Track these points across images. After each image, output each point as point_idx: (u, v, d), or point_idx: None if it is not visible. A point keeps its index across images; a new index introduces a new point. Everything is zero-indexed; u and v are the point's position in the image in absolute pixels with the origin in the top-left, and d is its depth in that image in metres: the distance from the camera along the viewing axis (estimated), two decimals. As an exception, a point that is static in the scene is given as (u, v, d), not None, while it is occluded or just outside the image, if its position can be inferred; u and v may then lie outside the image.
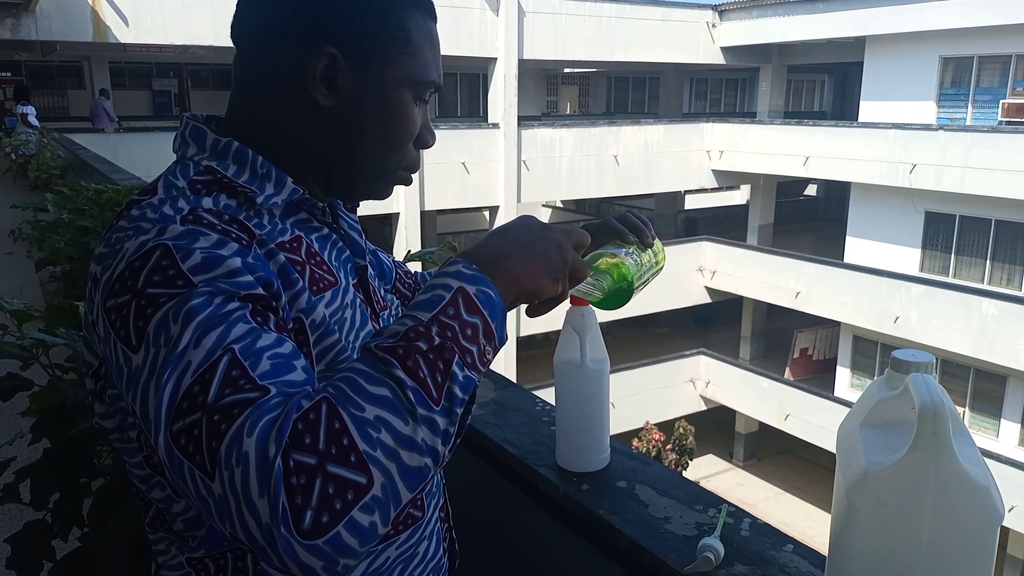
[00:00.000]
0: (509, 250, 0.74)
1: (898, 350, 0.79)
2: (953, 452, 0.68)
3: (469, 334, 0.66)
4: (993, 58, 14.43)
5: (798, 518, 13.79)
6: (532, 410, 1.45)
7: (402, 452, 0.60)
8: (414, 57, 0.82)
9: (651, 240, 0.97)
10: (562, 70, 25.88)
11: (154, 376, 0.63)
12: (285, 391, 0.61)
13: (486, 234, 0.77)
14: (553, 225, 0.79)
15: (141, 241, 0.68)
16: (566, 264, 0.76)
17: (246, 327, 0.64)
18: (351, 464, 0.57)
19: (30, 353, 1.49)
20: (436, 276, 0.70)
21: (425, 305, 0.67)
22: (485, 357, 0.67)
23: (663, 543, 1.02)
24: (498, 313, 0.69)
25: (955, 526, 0.69)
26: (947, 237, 14.62)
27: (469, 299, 0.67)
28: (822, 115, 25.51)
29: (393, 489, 0.59)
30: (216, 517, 0.59)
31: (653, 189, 18.47)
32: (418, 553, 0.91)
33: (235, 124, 0.83)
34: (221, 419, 0.59)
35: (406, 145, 0.85)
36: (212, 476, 0.58)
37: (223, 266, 0.67)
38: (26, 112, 14.24)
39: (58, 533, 1.46)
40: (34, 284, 5.16)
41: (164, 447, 0.61)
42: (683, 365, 16.13)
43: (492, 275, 0.70)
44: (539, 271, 0.74)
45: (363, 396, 0.60)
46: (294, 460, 0.56)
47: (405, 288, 1.18)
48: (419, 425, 0.61)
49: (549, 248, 0.76)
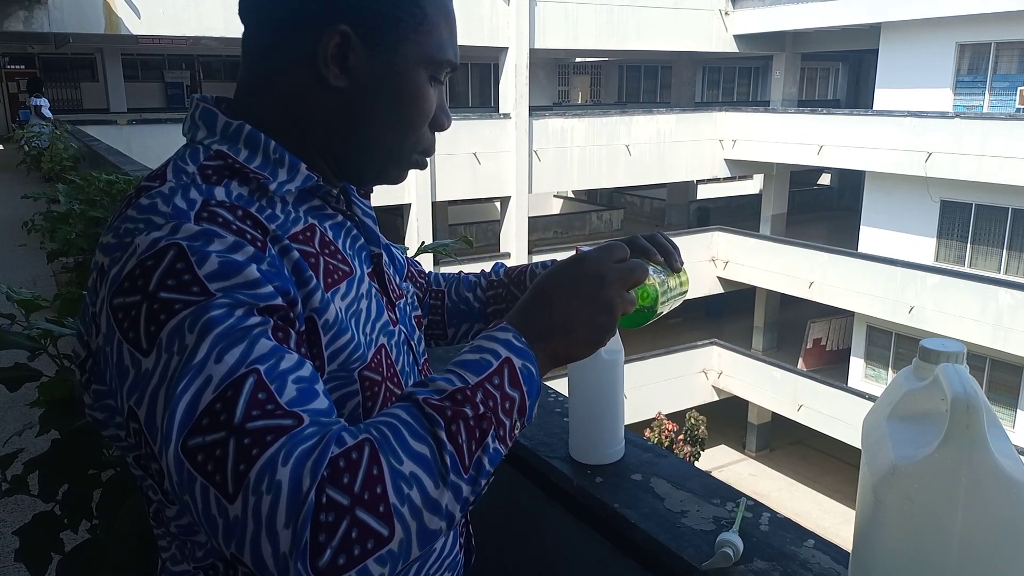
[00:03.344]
0: (561, 325, 0.72)
1: (927, 339, 0.75)
2: (988, 445, 0.65)
3: (507, 407, 0.66)
4: (1011, 44, 14.23)
5: (811, 508, 13.75)
6: (544, 401, 1.43)
7: (426, 513, 0.60)
8: (429, 35, 0.78)
9: (679, 264, 0.92)
10: (573, 60, 25.75)
11: (165, 384, 0.61)
12: (318, 420, 0.60)
13: (533, 289, 0.75)
14: (607, 273, 0.74)
15: (154, 238, 0.65)
16: (614, 323, 0.74)
17: (269, 344, 0.63)
18: (379, 514, 0.57)
19: (38, 343, 1.48)
20: (486, 338, 0.70)
21: (473, 367, 0.67)
22: (514, 432, 0.68)
23: (680, 538, 1.00)
24: (535, 391, 0.69)
25: (989, 522, 0.66)
26: (963, 226, 14.48)
27: (514, 372, 0.68)
28: (836, 103, 25.32)
29: (408, 546, 0.59)
30: (221, 537, 0.58)
31: (665, 179, 18.38)
32: (435, 550, 0.88)
33: (244, 106, 0.80)
34: (252, 443, 0.57)
35: (421, 127, 0.82)
36: (233, 499, 0.57)
37: (242, 275, 0.65)
38: (39, 104, 14.34)
39: (67, 525, 1.45)
40: (47, 275, 5.18)
41: (174, 460, 0.59)
42: (696, 356, 16.07)
43: (537, 352, 0.70)
44: (584, 343, 0.73)
45: (405, 449, 0.60)
46: (328, 497, 0.56)
47: (416, 287, 1.15)
48: (446, 490, 0.61)
49: (598, 313, 0.73)
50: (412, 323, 0.94)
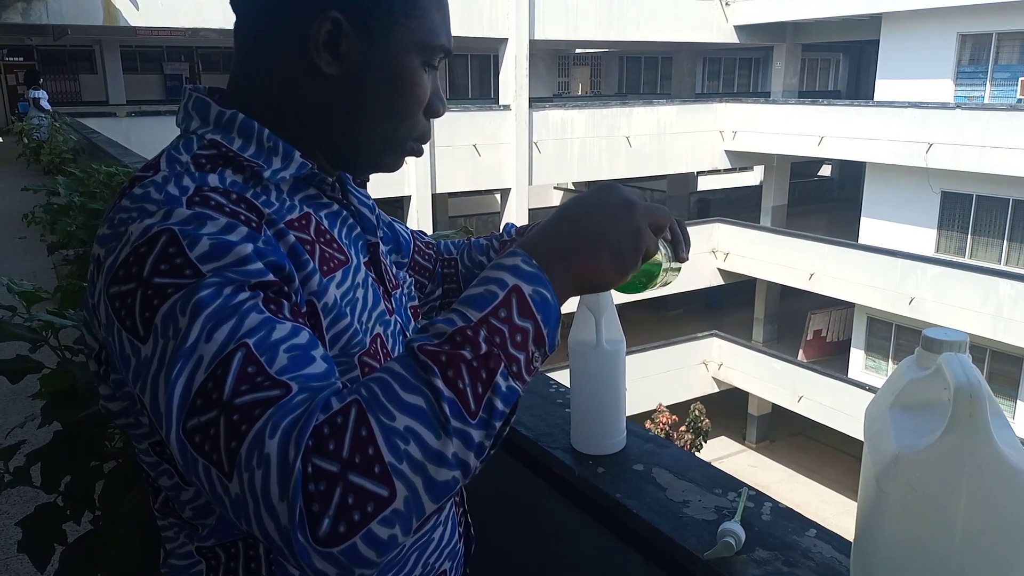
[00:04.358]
0: (576, 245, 0.66)
1: (929, 328, 0.75)
2: (991, 435, 0.65)
3: (519, 340, 0.61)
4: (1012, 35, 14.19)
5: (811, 499, 13.78)
6: (546, 392, 1.42)
7: (429, 466, 0.57)
8: (421, 20, 0.78)
9: (685, 256, 0.89)
10: (574, 51, 25.66)
11: (163, 369, 0.61)
12: (308, 386, 0.59)
13: (556, 212, 0.70)
14: (636, 201, 0.70)
15: (146, 225, 0.65)
16: (639, 255, 0.69)
17: (259, 317, 0.62)
18: (374, 475, 0.55)
19: (39, 335, 1.48)
20: (492, 268, 0.64)
21: (476, 302, 0.62)
22: (532, 365, 0.63)
23: (682, 528, 1.00)
24: (552, 318, 0.63)
25: (992, 511, 0.66)
26: (963, 217, 14.45)
27: (523, 300, 0.62)
28: (837, 94, 25.21)
29: (417, 502, 0.57)
30: (232, 514, 0.58)
31: (666, 170, 18.35)
32: (433, 539, 0.89)
33: (237, 95, 0.80)
34: (241, 419, 0.57)
35: (415, 114, 0.82)
36: (230, 476, 0.56)
37: (232, 253, 0.64)
38: (38, 96, 14.29)
39: (69, 516, 1.45)
40: (47, 268, 5.18)
41: (176, 443, 0.59)
42: (696, 347, 16.06)
43: (552, 274, 0.64)
44: (608, 269, 0.67)
45: (395, 403, 0.57)
46: (314, 466, 0.54)
47: (425, 260, 1.15)
48: (451, 439, 0.57)
49: (623, 239, 0.68)
50: (408, 313, 0.94)
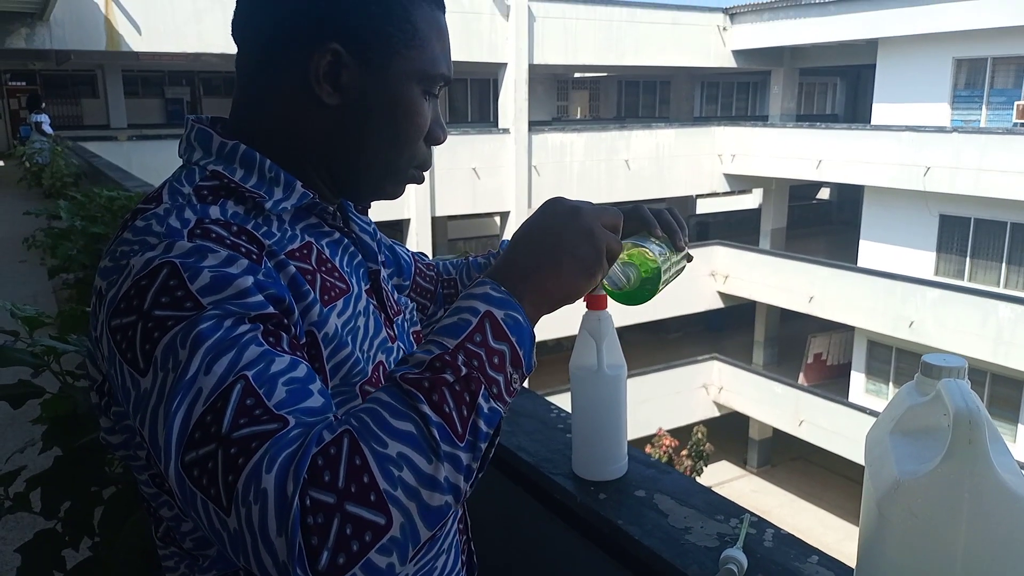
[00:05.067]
0: (536, 261, 0.69)
1: (928, 354, 0.76)
2: (990, 461, 0.65)
3: (496, 362, 0.63)
4: (1007, 59, 14.31)
5: (813, 524, 13.67)
6: (547, 417, 1.43)
7: (423, 491, 0.57)
8: (421, 50, 0.79)
9: (683, 244, 0.90)
10: (572, 75, 25.86)
11: (163, 402, 0.61)
12: (304, 421, 0.59)
13: (511, 239, 0.73)
14: (582, 205, 0.73)
15: (147, 258, 0.65)
16: (600, 253, 0.71)
17: (259, 350, 0.62)
18: (371, 503, 0.55)
19: (41, 360, 1.48)
20: (463, 297, 0.67)
21: (451, 330, 0.64)
22: (512, 386, 0.64)
23: (684, 554, 1.00)
24: (526, 339, 0.66)
25: (992, 538, 0.66)
26: (962, 240, 14.49)
27: (497, 324, 0.64)
28: (834, 118, 25.39)
29: (412, 529, 0.57)
30: (230, 550, 0.57)
31: (665, 194, 18.40)
32: (436, 568, 0.88)
33: (239, 126, 0.81)
34: (238, 453, 0.57)
35: (416, 142, 0.82)
36: (228, 511, 0.56)
37: (233, 286, 0.64)
38: (40, 120, 14.37)
39: (69, 543, 1.44)
40: (47, 292, 5.18)
41: (175, 478, 0.59)
42: (696, 371, 16.04)
43: (520, 296, 0.67)
44: (571, 276, 0.70)
45: (386, 431, 0.58)
46: (311, 499, 0.54)
47: (426, 281, 1.15)
48: (442, 463, 0.58)
49: (579, 242, 0.71)
50: (411, 340, 0.94)
